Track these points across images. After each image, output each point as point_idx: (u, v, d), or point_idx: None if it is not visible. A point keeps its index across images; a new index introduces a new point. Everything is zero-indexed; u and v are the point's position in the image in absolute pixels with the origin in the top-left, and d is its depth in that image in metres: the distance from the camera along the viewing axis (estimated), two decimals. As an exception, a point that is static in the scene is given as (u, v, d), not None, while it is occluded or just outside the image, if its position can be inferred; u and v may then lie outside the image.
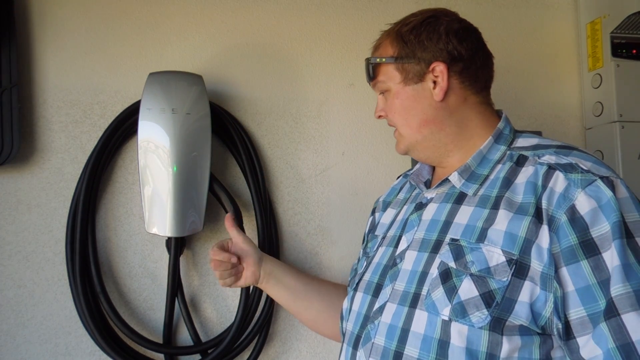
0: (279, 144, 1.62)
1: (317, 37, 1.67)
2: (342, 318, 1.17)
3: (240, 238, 1.29)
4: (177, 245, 1.44)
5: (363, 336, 1.01)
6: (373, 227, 1.24)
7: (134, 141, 1.49)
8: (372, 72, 1.11)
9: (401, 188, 1.24)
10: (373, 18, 1.71)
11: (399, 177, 1.31)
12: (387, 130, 1.70)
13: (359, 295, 1.09)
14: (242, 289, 1.45)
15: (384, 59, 1.08)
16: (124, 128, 1.47)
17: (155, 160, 1.39)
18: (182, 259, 1.49)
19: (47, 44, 1.49)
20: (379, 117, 1.14)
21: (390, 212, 1.19)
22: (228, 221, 1.31)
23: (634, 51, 1.73)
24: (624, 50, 1.72)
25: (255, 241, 1.55)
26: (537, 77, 1.81)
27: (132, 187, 1.50)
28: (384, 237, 1.13)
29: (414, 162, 1.66)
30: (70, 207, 1.43)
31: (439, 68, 1.04)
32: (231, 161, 1.57)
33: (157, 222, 1.39)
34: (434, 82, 1.05)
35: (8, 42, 1.40)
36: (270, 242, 1.52)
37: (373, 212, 1.29)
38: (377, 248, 1.13)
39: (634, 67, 1.73)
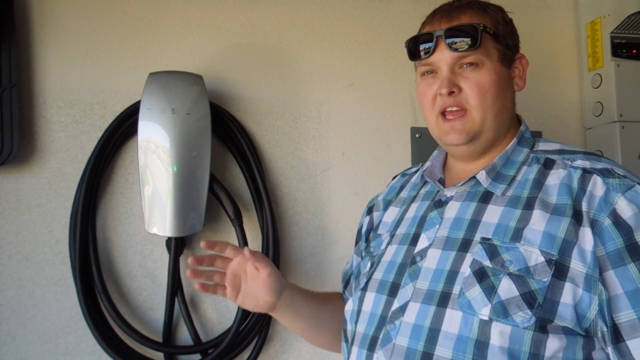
0: (279, 144, 1.62)
1: (317, 37, 1.67)
2: (347, 320, 1.10)
3: (268, 270, 1.10)
4: (177, 245, 1.44)
5: (381, 337, 0.97)
6: (373, 226, 1.20)
7: (134, 141, 1.49)
8: (479, 39, 0.99)
9: (402, 187, 1.20)
10: (373, 18, 1.71)
11: (395, 177, 1.27)
12: (387, 130, 1.71)
13: (370, 295, 1.04)
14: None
15: (491, 30, 1.01)
16: (124, 128, 1.47)
17: (155, 160, 1.39)
18: (182, 259, 1.49)
19: (47, 44, 1.49)
20: (451, 92, 1.00)
21: (393, 210, 1.16)
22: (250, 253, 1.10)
23: (634, 51, 1.73)
24: (624, 50, 1.72)
25: (256, 241, 1.55)
26: (537, 77, 1.81)
27: (132, 187, 1.50)
28: (392, 235, 1.09)
29: (415, 162, 1.66)
30: (72, 207, 1.43)
31: (524, 60, 1.07)
32: (231, 161, 1.57)
33: (157, 222, 1.39)
34: (513, 71, 1.06)
35: (8, 42, 1.40)
36: (270, 242, 1.52)
37: (370, 212, 1.24)
38: (387, 246, 1.08)
39: (634, 67, 1.72)
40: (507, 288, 0.88)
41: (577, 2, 1.85)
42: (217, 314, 1.53)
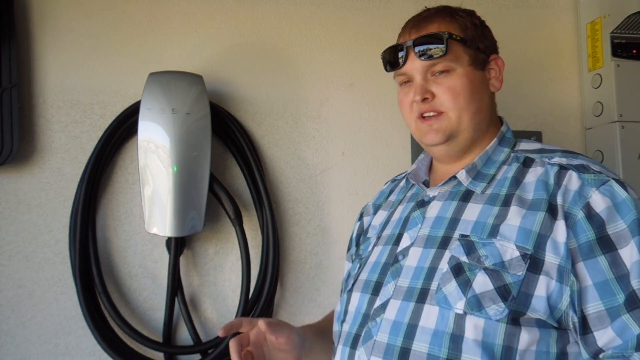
0: (279, 144, 1.62)
1: (317, 37, 1.67)
2: (335, 322, 1.11)
3: (285, 335, 1.05)
4: (177, 245, 1.44)
5: (363, 335, 0.99)
6: (363, 231, 1.22)
7: (134, 141, 1.49)
8: (446, 47, 1.02)
9: (391, 191, 1.23)
10: (373, 18, 1.71)
11: (386, 183, 1.29)
12: (387, 130, 1.71)
13: (356, 295, 1.06)
14: (241, 289, 1.46)
15: (458, 37, 1.04)
16: (124, 128, 1.47)
17: (155, 160, 1.39)
18: (182, 259, 1.49)
19: (47, 44, 1.49)
20: (425, 99, 1.03)
21: (381, 214, 1.18)
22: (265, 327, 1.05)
23: (634, 51, 1.72)
24: (624, 51, 1.72)
25: (256, 241, 1.55)
26: (537, 77, 1.81)
27: (132, 187, 1.50)
28: (378, 237, 1.12)
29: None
30: (72, 207, 1.43)
31: (499, 61, 1.07)
32: (231, 161, 1.57)
33: (157, 222, 1.39)
34: (488, 73, 1.07)
35: (8, 42, 1.40)
36: (270, 242, 1.52)
37: (361, 217, 1.26)
38: (372, 248, 1.11)
39: (634, 67, 1.72)
40: (482, 282, 0.90)
41: (577, 2, 1.85)
42: (217, 314, 1.53)
